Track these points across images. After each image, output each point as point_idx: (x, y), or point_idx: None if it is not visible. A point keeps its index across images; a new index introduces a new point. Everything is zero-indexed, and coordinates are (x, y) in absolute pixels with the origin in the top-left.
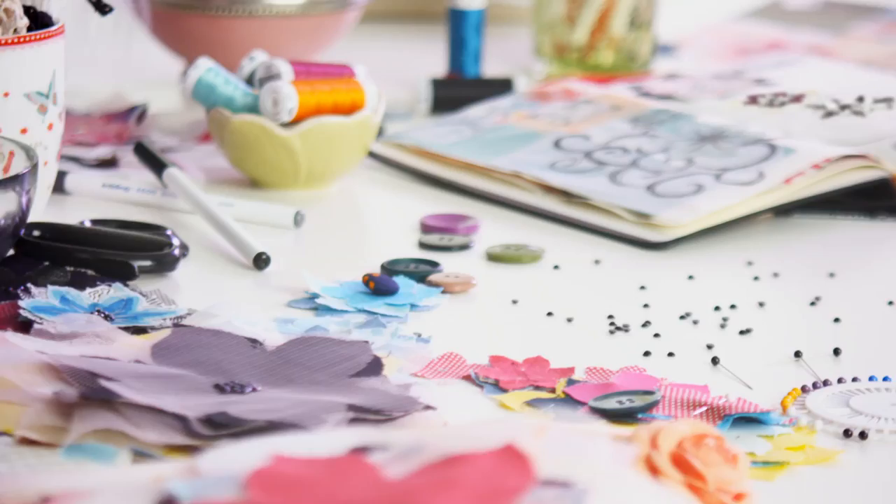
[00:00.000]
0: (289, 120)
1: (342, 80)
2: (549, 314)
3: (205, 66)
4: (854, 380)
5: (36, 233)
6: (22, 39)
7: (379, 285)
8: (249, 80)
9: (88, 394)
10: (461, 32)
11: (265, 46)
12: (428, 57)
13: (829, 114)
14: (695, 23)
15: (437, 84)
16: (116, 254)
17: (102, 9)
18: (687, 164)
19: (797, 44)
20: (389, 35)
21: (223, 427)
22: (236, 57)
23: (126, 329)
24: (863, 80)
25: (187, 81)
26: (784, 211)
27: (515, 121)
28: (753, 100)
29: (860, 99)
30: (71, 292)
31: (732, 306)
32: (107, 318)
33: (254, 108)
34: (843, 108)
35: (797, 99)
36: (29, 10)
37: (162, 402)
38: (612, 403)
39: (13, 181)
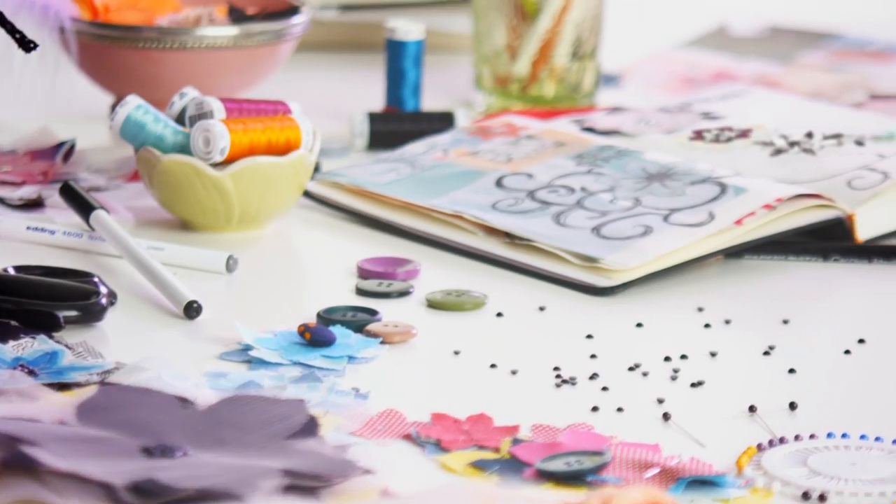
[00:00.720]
0: (221, 160)
1: (276, 117)
2: (493, 366)
3: (133, 104)
4: (811, 437)
5: None
6: None
7: (315, 336)
8: (180, 118)
9: (9, 460)
10: (399, 64)
11: (197, 80)
12: (366, 89)
13: (779, 151)
14: (639, 51)
15: (375, 118)
16: (41, 304)
17: (27, 45)
18: (634, 205)
19: (744, 73)
20: (326, 66)
21: (151, 495)
22: (167, 91)
23: (50, 385)
24: (811, 114)
25: (115, 120)
26: (735, 253)
27: (456, 158)
28: (699, 135)
29: (809, 135)
30: None
31: (683, 356)
32: (30, 373)
33: (184, 148)
34: (793, 144)
35: (744, 134)
36: None
37: (87, 469)
38: (559, 465)
39: None
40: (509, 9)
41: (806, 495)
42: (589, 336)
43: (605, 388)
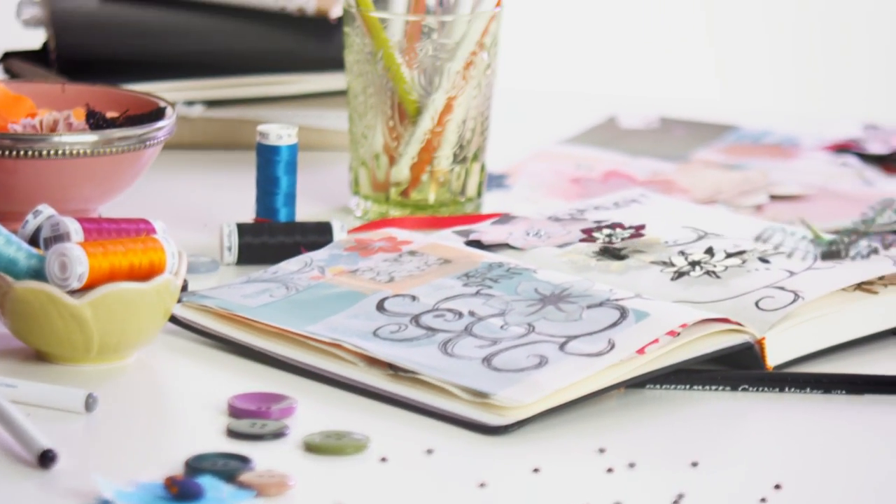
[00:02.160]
0: (79, 286)
1: (139, 238)
2: None
3: None
4: None
5: None
6: None
7: (182, 490)
8: (34, 239)
9: None
10: (271, 172)
11: (55, 191)
12: (237, 193)
13: (680, 274)
14: (526, 146)
15: (245, 230)
16: None
17: None
18: (527, 331)
19: (637, 171)
20: (194, 166)
21: None
22: (21, 204)
23: None
24: (710, 222)
25: None
26: (637, 383)
27: (334, 278)
28: (596, 251)
29: (710, 252)
30: None
31: None
32: None
33: (39, 273)
34: (694, 264)
35: (642, 250)
36: None
37: None
38: None
39: None
40: (388, 109)
41: None
42: (482, 485)
43: None
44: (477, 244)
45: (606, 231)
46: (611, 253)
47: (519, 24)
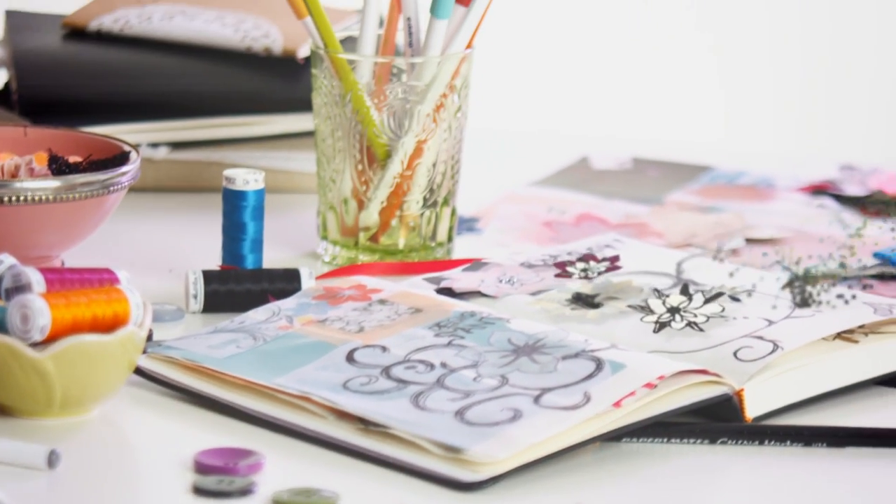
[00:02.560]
0: (41, 339)
1: (102, 289)
2: None
3: None
4: None
5: None
6: None
7: None
8: None
9: None
10: (238, 217)
11: (16, 238)
12: (203, 237)
13: (662, 325)
14: (498, 188)
15: (211, 277)
16: None
17: None
18: (501, 383)
19: (610, 214)
20: (159, 210)
21: None
22: None
23: None
24: (685, 266)
25: None
26: (613, 437)
27: (302, 327)
28: (569, 298)
29: (687, 294)
30: None
31: None
32: None
33: (0, 324)
34: (673, 311)
35: (616, 296)
36: None
37: None
38: None
39: None
40: (357, 153)
41: None
42: None
43: None
44: (448, 292)
45: (581, 265)
46: (584, 301)
47: (488, 62)
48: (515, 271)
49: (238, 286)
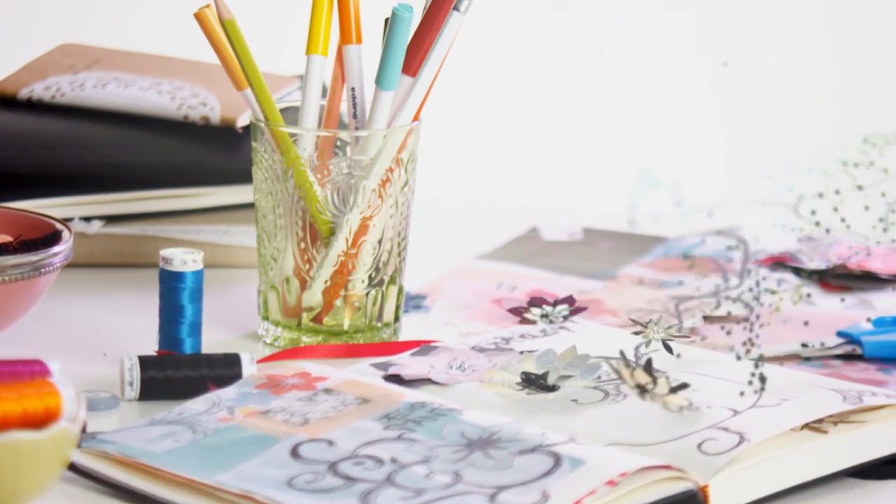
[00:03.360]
0: None
1: (33, 382)
2: None
3: None
4: None
5: None
6: None
7: None
8: None
9: None
10: (175, 300)
11: None
12: (139, 317)
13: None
14: (445, 261)
15: (147, 364)
16: None
17: None
18: (454, 480)
19: (562, 290)
20: (93, 287)
21: None
22: None
23: None
24: (644, 351)
25: None
26: None
27: (244, 419)
28: (520, 381)
29: (651, 377)
30: None
31: None
32: None
33: None
34: (642, 390)
35: (570, 374)
36: None
37: None
38: None
39: None
40: (299, 230)
41: None
42: None
43: None
44: (397, 379)
45: (538, 311)
46: (537, 383)
47: (434, 130)
48: (466, 356)
49: (176, 373)
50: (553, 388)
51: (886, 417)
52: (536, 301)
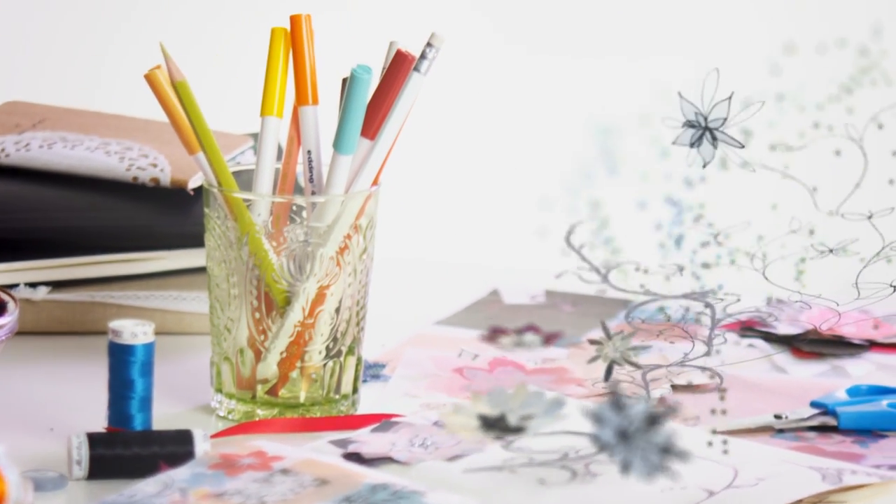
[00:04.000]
0: None
1: None
2: None
3: None
4: None
5: None
6: None
7: None
8: None
9: None
10: (125, 374)
11: None
12: (89, 390)
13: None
14: (404, 326)
15: (96, 441)
16: None
17: None
18: None
19: (526, 358)
20: (40, 356)
21: None
22: None
23: None
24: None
25: None
26: None
27: (198, 502)
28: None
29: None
30: None
31: None
32: None
33: None
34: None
35: (529, 414)
36: None
37: None
38: None
39: None
40: (254, 299)
41: None
42: None
43: None
44: (356, 457)
45: (515, 338)
46: (501, 427)
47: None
48: (429, 432)
49: (126, 451)
50: (519, 430)
51: (868, 497)
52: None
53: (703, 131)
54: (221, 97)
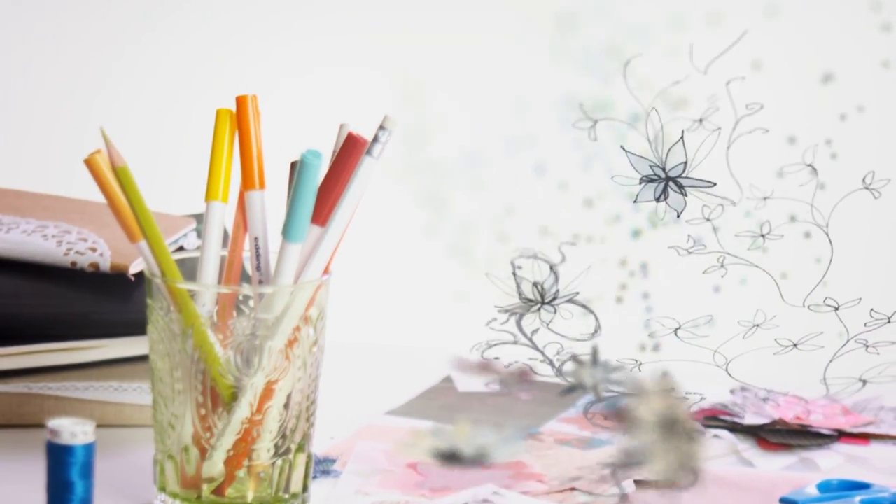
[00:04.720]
0: None
1: None
2: None
3: None
4: None
5: None
6: None
7: None
8: None
9: None
10: (64, 475)
11: None
12: (24, 487)
13: None
14: (354, 417)
15: None
16: None
17: None
18: None
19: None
20: None
21: None
22: None
23: None
24: None
25: None
26: None
27: None
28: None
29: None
30: None
31: None
32: None
33: None
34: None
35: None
36: None
37: None
38: None
39: None
40: (199, 395)
41: None
42: None
43: None
44: None
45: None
46: (458, 459)
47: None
48: None
49: None
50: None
51: None
52: None
53: (664, 182)
54: (165, 179)
